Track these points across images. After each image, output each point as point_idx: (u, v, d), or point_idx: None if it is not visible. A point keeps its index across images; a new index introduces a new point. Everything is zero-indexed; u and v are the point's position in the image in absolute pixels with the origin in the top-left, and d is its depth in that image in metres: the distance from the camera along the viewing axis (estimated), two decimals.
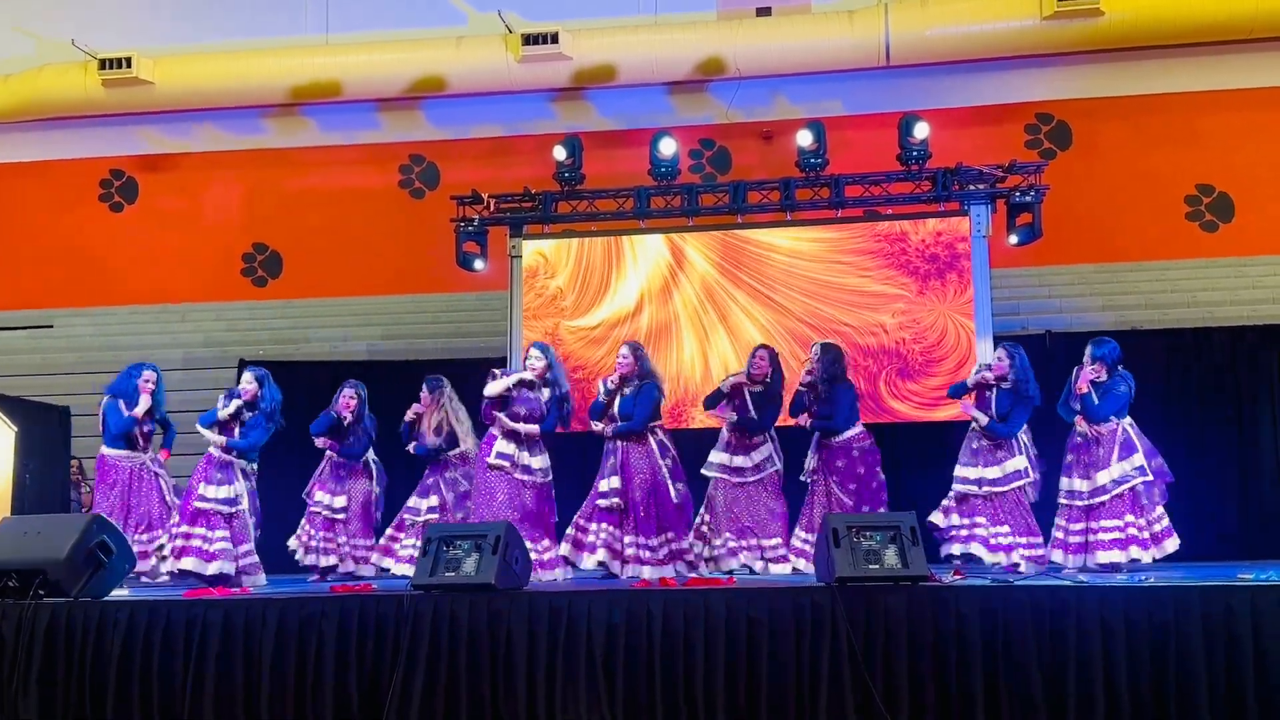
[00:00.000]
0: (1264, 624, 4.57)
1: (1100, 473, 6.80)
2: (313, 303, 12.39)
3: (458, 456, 7.58)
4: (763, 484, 7.30)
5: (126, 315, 12.64)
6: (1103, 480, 6.79)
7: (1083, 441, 6.92)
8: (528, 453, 7.03)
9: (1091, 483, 6.82)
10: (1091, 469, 6.85)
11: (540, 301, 9.19)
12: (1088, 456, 6.89)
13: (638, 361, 7.15)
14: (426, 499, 7.58)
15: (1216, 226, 11.54)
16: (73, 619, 5.20)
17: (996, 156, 9.24)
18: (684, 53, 11.90)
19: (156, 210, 13.21)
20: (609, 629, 4.90)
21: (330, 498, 7.67)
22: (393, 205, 12.73)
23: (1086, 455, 6.89)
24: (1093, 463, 6.86)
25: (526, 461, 7.01)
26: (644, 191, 9.28)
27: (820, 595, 4.88)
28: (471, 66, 12.21)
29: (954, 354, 8.53)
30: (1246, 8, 11.05)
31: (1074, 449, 6.98)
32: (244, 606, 5.20)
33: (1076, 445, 6.97)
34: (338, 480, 7.71)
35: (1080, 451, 6.94)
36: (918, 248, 8.72)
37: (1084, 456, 6.91)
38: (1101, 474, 6.79)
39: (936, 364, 8.46)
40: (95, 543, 5.45)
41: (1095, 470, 6.83)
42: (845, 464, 7.29)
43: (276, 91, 12.52)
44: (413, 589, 5.30)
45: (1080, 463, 6.91)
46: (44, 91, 12.81)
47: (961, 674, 4.71)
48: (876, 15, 11.61)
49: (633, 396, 7.10)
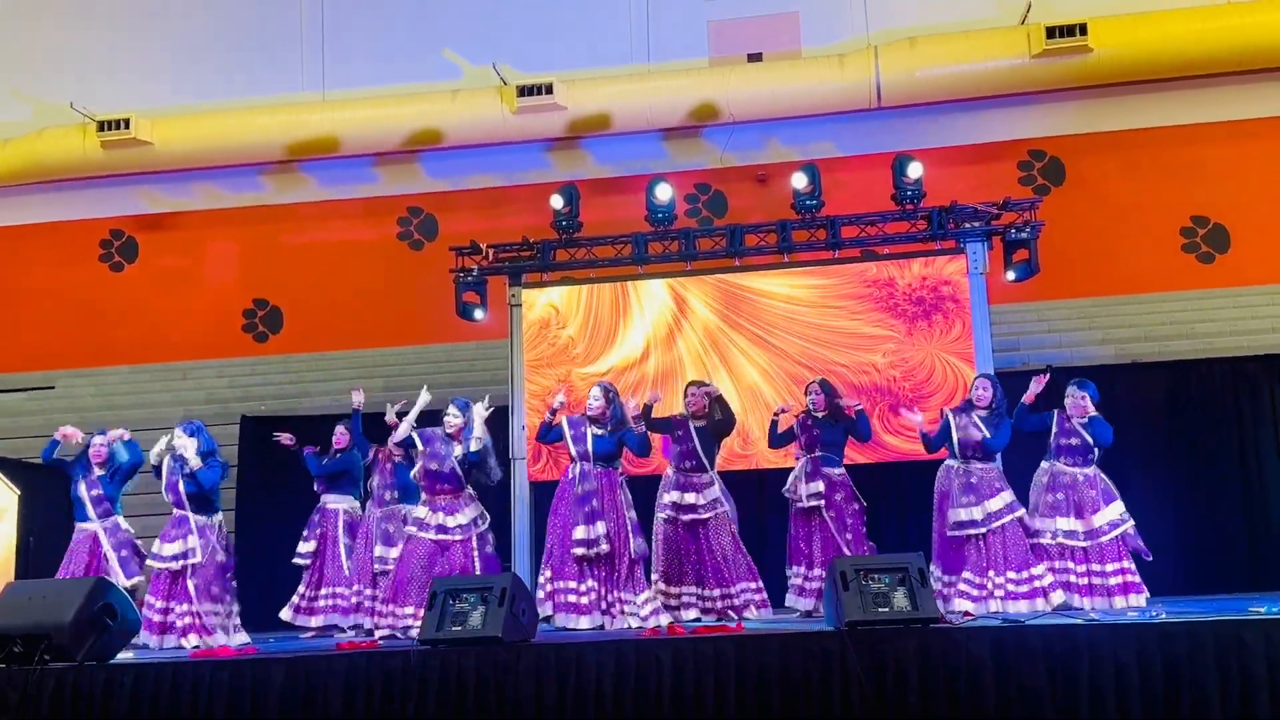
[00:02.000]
0: (1278, 657, 4.54)
1: (1095, 515, 6.84)
2: (314, 357, 12.41)
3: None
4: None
5: (128, 374, 12.65)
6: (1099, 523, 6.83)
7: (1071, 482, 6.95)
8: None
9: (1087, 524, 6.84)
10: (1085, 510, 6.88)
11: (554, 351, 9.33)
12: (1079, 497, 6.91)
13: (609, 404, 7.12)
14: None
15: (1213, 258, 11.58)
16: (79, 683, 5.16)
17: (991, 194, 9.30)
18: (677, 99, 12.00)
19: (157, 269, 13.27)
20: (618, 679, 4.86)
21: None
22: (392, 257, 12.78)
23: (1078, 495, 6.92)
24: (1086, 504, 6.89)
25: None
26: (642, 237, 9.33)
27: (830, 640, 4.85)
28: (467, 119, 12.31)
29: (942, 389, 8.73)
30: (1235, 41, 11.15)
31: (1063, 488, 6.98)
32: (250, 666, 5.17)
33: (1066, 485, 6.98)
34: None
35: (1070, 491, 6.95)
36: (904, 291, 8.96)
37: (1074, 497, 6.93)
38: (1096, 517, 6.84)
39: (926, 399, 8.68)
40: (100, 606, 5.42)
41: (1088, 512, 6.86)
42: (845, 495, 7.45)
43: (274, 149, 12.62)
44: (419, 644, 5.27)
45: (1072, 503, 6.92)
46: (44, 154, 12.90)
47: (974, 716, 4.66)
48: (866, 57, 11.71)
49: (612, 437, 7.08)
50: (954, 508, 6.98)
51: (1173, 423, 9.13)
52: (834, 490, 7.46)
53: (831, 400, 7.58)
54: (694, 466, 7.21)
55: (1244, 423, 9.10)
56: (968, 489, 6.95)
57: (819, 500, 7.39)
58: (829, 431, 7.55)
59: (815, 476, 7.45)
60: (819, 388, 7.66)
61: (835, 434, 7.57)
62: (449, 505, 6.75)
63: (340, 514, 7.94)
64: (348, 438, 7.98)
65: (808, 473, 7.49)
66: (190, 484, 6.96)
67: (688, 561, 7.10)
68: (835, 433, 7.57)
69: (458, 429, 6.90)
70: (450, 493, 6.77)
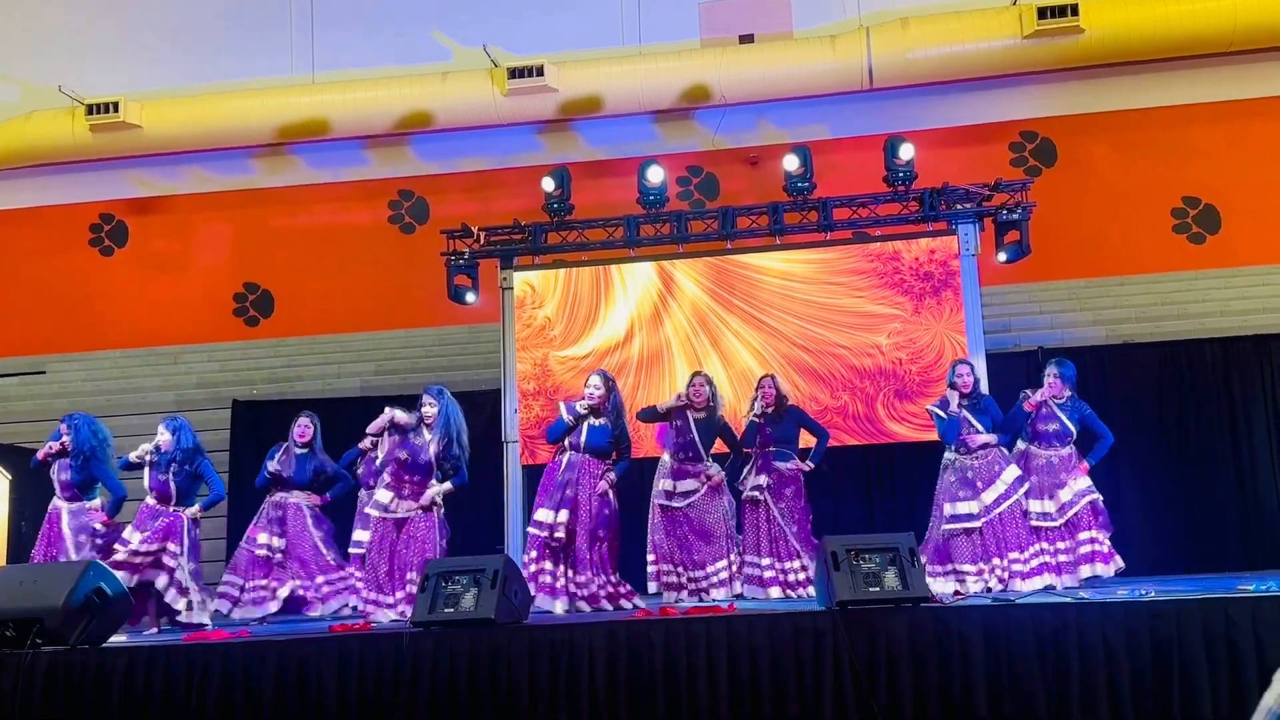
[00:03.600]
0: (1265, 634, 4.57)
1: (1062, 490, 6.89)
2: (305, 340, 12.38)
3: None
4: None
5: (119, 359, 12.61)
6: (1065, 497, 6.88)
7: (1045, 464, 6.97)
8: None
9: (1056, 501, 6.89)
10: (1055, 489, 6.93)
11: (529, 332, 9.21)
12: (1050, 479, 6.94)
13: (609, 392, 7.08)
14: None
15: (1204, 238, 11.58)
16: (71, 667, 5.17)
17: (982, 175, 9.29)
18: (669, 81, 11.95)
19: (147, 253, 13.21)
20: (610, 661, 4.88)
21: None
22: (383, 241, 12.75)
23: (1050, 478, 6.95)
24: (1058, 484, 6.95)
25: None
26: (633, 220, 9.31)
27: (821, 620, 4.87)
28: (458, 101, 12.26)
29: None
30: (1225, 21, 11.13)
31: (1036, 471, 7.03)
32: (243, 649, 5.18)
33: (1040, 468, 7.02)
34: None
35: (1043, 474, 6.99)
36: (911, 266, 8.71)
37: (1047, 479, 6.96)
38: (1063, 491, 6.89)
39: (934, 384, 8.37)
40: (92, 590, 5.42)
41: (1057, 490, 6.91)
42: (794, 490, 7.49)
43: (264, 131, 12.56)
44: (412, 626, 5.28)
45: (1044, 485, 6.97)
46: (32, 138, 12.82)
47: (966, 695, 4.69)
48: (858, 39, 11.68)
49: (610, 431, 7.05)
50: (950, 502, 7.01)
51: (1164, 403, 9.16)
52: (784, 484, 7.49)
53: (780, 396, 7.58)
54: (691, 457, 7.27)
55: (1235, 403, 9.13)
56: (965, 483, 6.97)
57: (760, 494, 7.41)
58: (779, 428, 7.55)
59: (763, 471, 7.47)
60: (770, 383, 7.64)
61: (787, 429, 7.57)
62: (415, 494, 6.81)
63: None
64: (312, 431, 7.91)
65: (757, 466, 7.51)
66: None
67: (681, 546, 7.19)
68: (787, 428, 7.57)
69: (433, 417, 6.89)
70: (420, 484, 6.82)
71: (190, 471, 7.26)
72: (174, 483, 7.19)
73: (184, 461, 7.24)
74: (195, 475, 7.31)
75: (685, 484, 7.27)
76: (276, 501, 7.75)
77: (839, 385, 8.67)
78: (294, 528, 7.67)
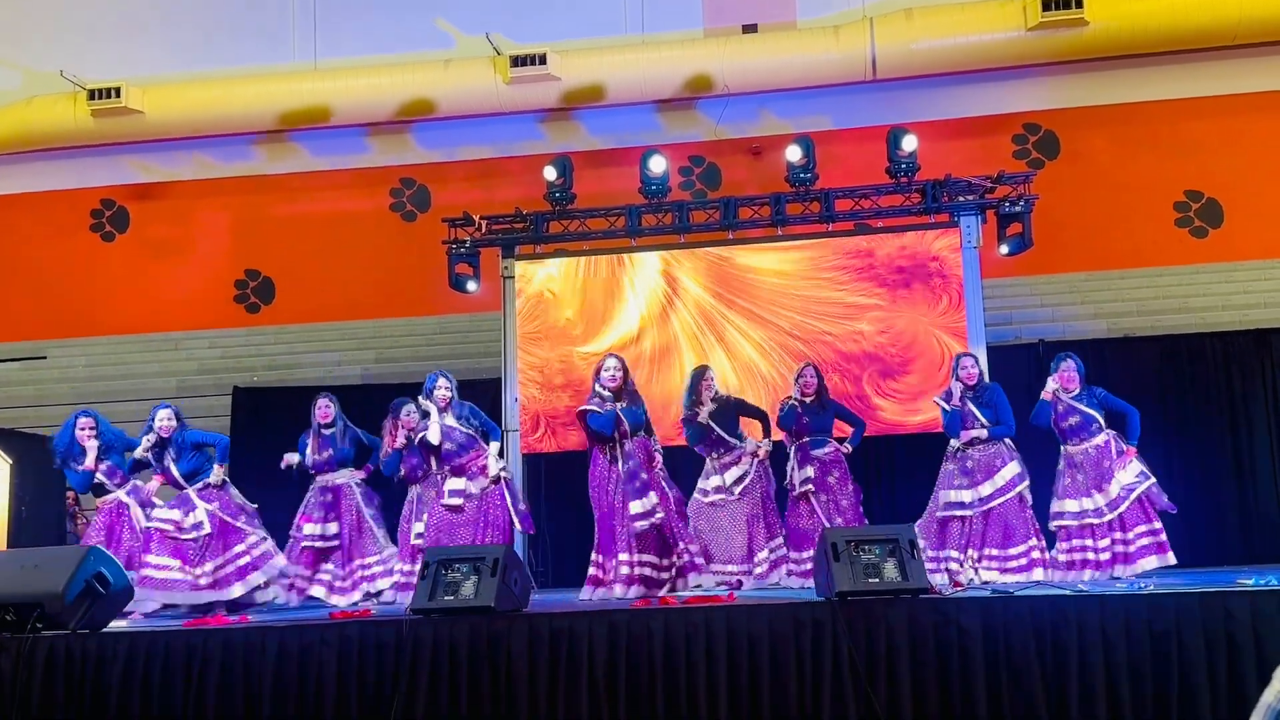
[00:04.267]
0: (1264, 629, 4.57)
1: (1110, 484, 6.77)
2: (306, 328, 12.38)
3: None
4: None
5: (120, 345, 12.62)
6: (1114, 492, 6.75)
7: (1085, 458, 6.89)
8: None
9: (1106, 496, 6.78)
10: (1105, 483, 6.81)
11: (555, 330, 9.35)
12: (1096, 471, 6.85)
13: (626, 376, 7.00)
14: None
15: (1206, 232, 11.58)
16: (71, 651, 5.17)
17: (985, 168, 9.29)
18: (672, 71, 11.94)
19: (148, 239, 13.21)
20: (610, 649, 4.89)
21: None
22: (384, 229, 12.74)
23: (1095, 470, 6.85)
24: (1104, 477, 6.82)
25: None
26: (635, 210, 9.31)
27: (820, 610, 4.88)
28: (460, 89, 12.24)
29: (926, 354, 8.84)
30: (1230, 14, 11.11)
31: (1080, 468, 6.90)
32: (243, 635, 5.18)
33: (1081, 464, 6.90)
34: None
35: (1088, 469, 6.85)
36: (884, 261, 9.05)
37: (1092, 473, 6.84)
38: (1111, 485, 6.77)
39: (912, 362, 8.88)
40: (93, 575, 5.43)
41: (1106, 484, 6.80)
42: (840, 473, 7.51)
43: (266, 118, 12.54)
44: (412, 613, 5.29)
45: (1089, 480, 6.84)
46: (33, 123, 12.81)
47: (964, 686, 4.70)
48: (862, 29, 11.66)
49: (641, 408, 6.98)
50: (946, 489, 7.02)
51: (1164, 396, 9.16)
52: (826, 472, 7.50)
53: (821, 385, 7.62)
54: (727, 448, 7.38)
55: (1234, 397, 9.14)
56: (964, 472, 6.96)
57: (810, 486, 7.43)
58: (817, 418, 7.57)
59: (805, 463, 7.48)
60: (812, 372, 7.66)
61: (824, 420, 7.59)
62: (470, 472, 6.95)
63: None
64: (333, 410, 7.84)
65: (799, 460, 7.53)
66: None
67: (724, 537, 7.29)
68: (824, 419, 7.59)
69: (446, 400, 6.97)
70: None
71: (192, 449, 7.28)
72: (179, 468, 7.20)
73: (184, 445, 7.25)
74: (196, 447, 7.32)
75: (732, 473, 7.29)
76: (324, 486, 7.60)
77: (829, 368, 8.97)
78: (347, 508, 7.59)
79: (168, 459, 7.19)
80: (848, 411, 7.90)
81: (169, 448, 7.20)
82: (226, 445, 7.43)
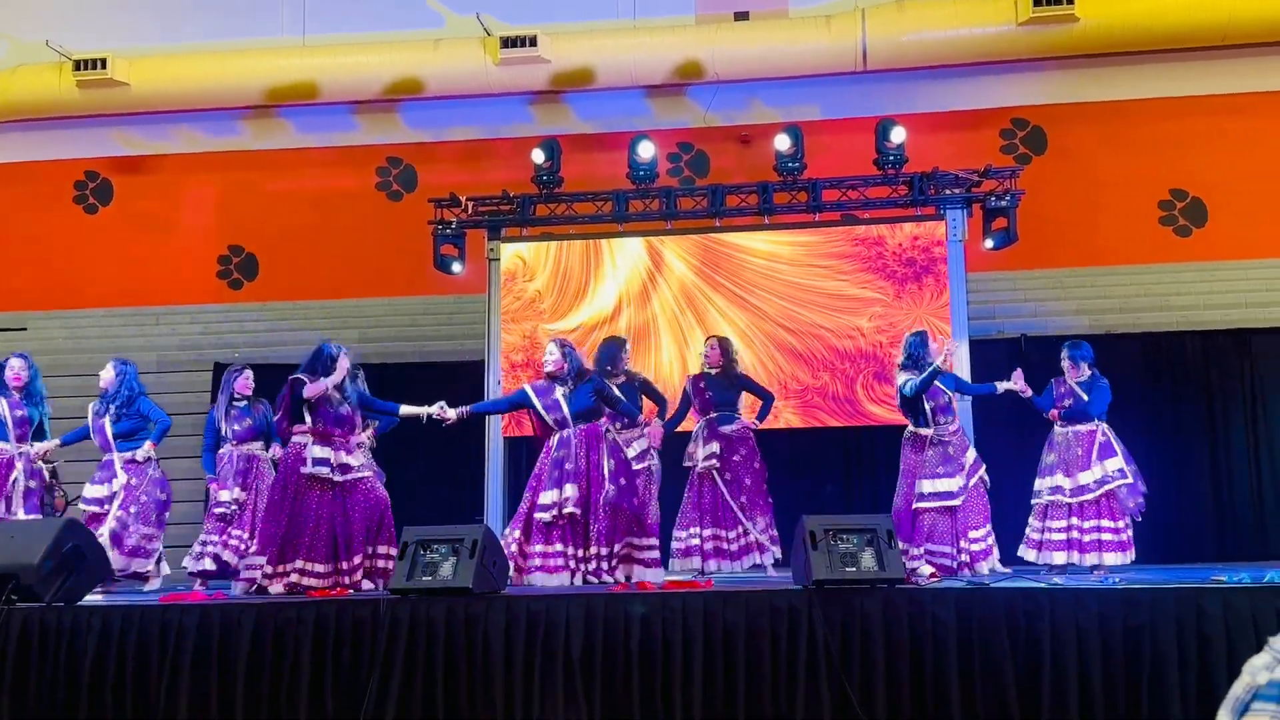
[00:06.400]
0: (1236, 626, 4.61)
1: (1082, 473, 6.89)
2: (289, 305, 12.32)
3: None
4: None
5: (101, 318, 12.54)
6: (1085, 480, 6.88)
7: (1063, 441, 7.02)
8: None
9: (1074, 481, 6.91)
10: (1073, 468, 6.94)
11: (519, 304, 9.23)
12: (1068, 455, 6.98)
13: (565, 359, 6.70)
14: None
15: (1190, 231, 11.62)
16: (46, 624, 5.16)
17: (972, 161, 9.31)
18: (662, 56, 11.90)
19: (132, 212, 13.11)
20: (586, 632, 4.90)
21: None
22: (370, 208, 12.67)
23: (1067, 454, 6.99)
24: (1073, 461, 6.95)
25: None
26: (622, 195, 9.30)
27: (797, 598, 4.90)
28: (449, 69, 12.17)
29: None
30: (1220, 14, 11.14)
31: (1054, 448, 7.08)
32: (219, 611, 5.18)
33: (1057, 444, 7.07)
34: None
35: (1062, 450, 7.02)
36: (895, 252, 8.83)
37: (1065, 455, 7.00)
38: (1083, 474, 6.89)
39: None
40: (69, 548, 5.41)
41: (1076, 470, 6.92)
42: (747, 450, 7.45)
43: (253, 93, 12.45)
44: (390, 593, 5.29)
45: (1063, 461, 6.99)
46: (17, 93, 12.69)
47: (937, 675, 4.73)
48: (853, 20, 11.65)
49: (585, 392, 6.67)
50: (929, 479, 6.90)
51: (1144, 394, 9.22)
52: (733, 450, 7.44)
53: (728, 358, 7.56)
54: (626, 425, 7.23)
55: (1213, 395, 9.21)
56: (945, 459, 6.94)
57: (714, 461, 7.38)
58: (723, 391, 7.50)
59: (711, 439, 7.42)
60: (716, 344, 7.62)
61: (730, 393, 7.53)
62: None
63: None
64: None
65: (704, 435, 7.46)
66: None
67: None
68: (730, 392, 7.53)
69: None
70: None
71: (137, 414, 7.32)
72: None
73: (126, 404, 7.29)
74: (141, 416, 7.35)
75: (632, 448, 7.15)
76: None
77: (820, 365, 8.81)
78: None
79: (105, 416, 7.21)
80: (755, 385, 7.72)
81: (111, 404, 7.23)
82: (167, 428, 7.47)
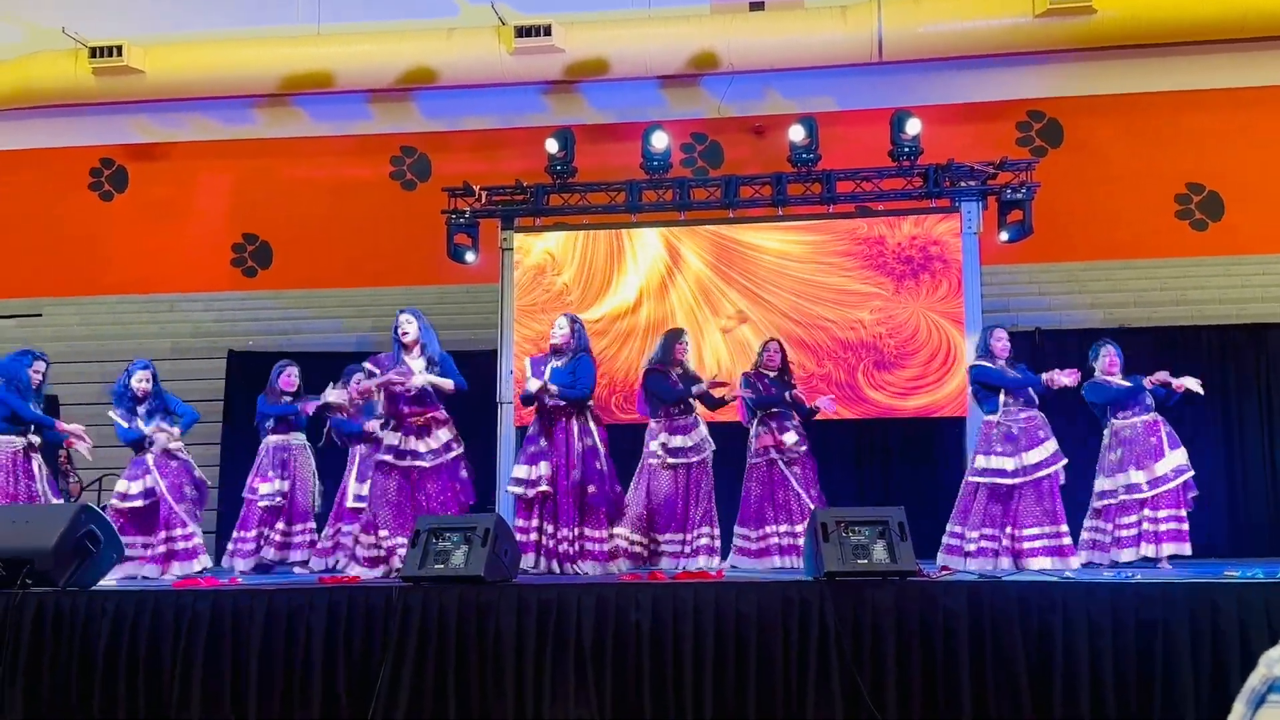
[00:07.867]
0: (1250, 621, 4.60)
1: (1158, 463, 6.89)
2: (303, 294, 12.35)
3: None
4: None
5: (115, 305, 12.59)
6: (1161, 470, 6.87)
7: (1130, 434, 6.97)
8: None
9: (1149, 473, 6.88)
10: (1145, 458, 6.91)
11: (548, 296, 9.37)
12: (1141, 447, 6.95)
13: (574, 335, 6.84)
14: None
15: (1206, 225, 11.56)
16: (60, 608, 5.19)
17: (988, 153, 9.27)
18: (677, 46, 11.87)
19: (146, 200, 13.15)
20: (597, 622, 4.90)
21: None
22: (384, 197, 12.68)
23: (1140, 446, 6.95)
24: (1147, 452, 6.93)
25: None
26: (636, 185, 9.28)
27: (808, 590, 4.90)
28: (463, 58, 12.16)
29: (926, 347, 8.86)
30: (1238, 6, 11.06)
31: (1122, 442, 7.00)
32: (232, 597, 5.20)
33: (1124, 439, 7.00)
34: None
35: (1131, 444, 6.97)
36: (894, 250, 9.03)
37: (1135, 448, 6.95)
38: (1159, 464, 6.88)
39: (910, 356, 8.89)
40: (83, 532, 5.44)
41: (1149, 460, 6.90)
42: (807, 449, 7.42)
43: (267, 81, 12.47)
44: (402, 581, 5.30)
45: (1133, 455, 6.95)
46: (34, 79, 12.72)
47: (948, 668, 4.72)
48: (869, 10, 11.59)
49: (570, 368, 6.76)
50: (984, 454, 6.90)
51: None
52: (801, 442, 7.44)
53: (785, 364, 7.58)
54: (683, 410, 7.27)
55: (1228, 390, 9.15)
56: (1007, 438, 6.91)
57: (804, 446, 7.35)
58: (778, 393, 7.49)
59: (786, 429, 7.35)
60: (778, 347, 7.61)
61: (780, 398, 7.50)
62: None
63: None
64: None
65: (778, 426, 7.35)
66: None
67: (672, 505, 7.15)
68: (780, 397, 7.50)
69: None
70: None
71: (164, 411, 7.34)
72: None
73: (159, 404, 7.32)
74: (167, 411, 7.36)
75: (690, 436, 7.23)
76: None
77: (824, 354, 9.02)
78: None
79: (137, 417, 7.21)
80: (801, 403, 7.58)
81: (142, 404, 7.23)
82: (194, 421, 7.49)
